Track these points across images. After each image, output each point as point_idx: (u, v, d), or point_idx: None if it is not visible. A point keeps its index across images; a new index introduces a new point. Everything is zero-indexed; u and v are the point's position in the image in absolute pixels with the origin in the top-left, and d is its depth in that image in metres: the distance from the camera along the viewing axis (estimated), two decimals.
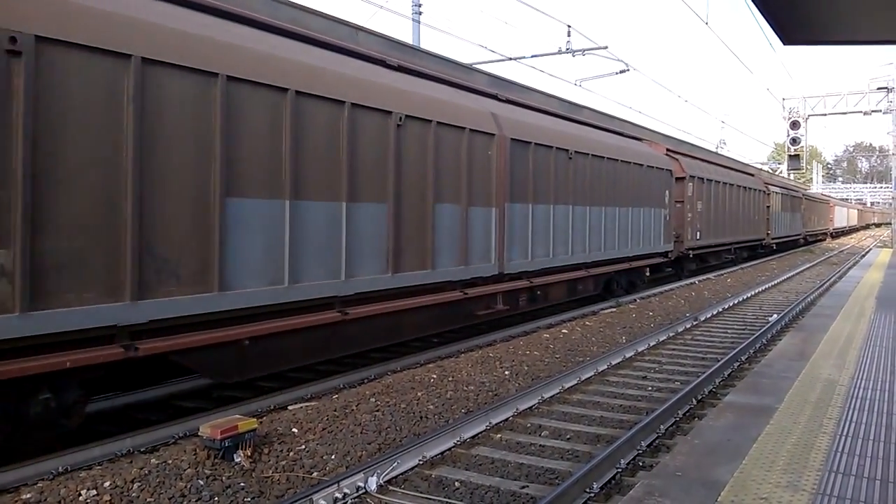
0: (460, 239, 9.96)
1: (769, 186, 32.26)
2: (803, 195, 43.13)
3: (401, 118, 8.71)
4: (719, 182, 23.66)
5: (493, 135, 10.69)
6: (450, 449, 6.14)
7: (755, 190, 29.54)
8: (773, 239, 32.48)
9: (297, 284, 7.29)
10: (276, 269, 7.09)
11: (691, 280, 20.74)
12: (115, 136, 5.68)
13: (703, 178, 21.74)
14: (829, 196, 70.50)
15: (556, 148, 12.56)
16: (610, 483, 5.47)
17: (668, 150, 20.23)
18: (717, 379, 8.66)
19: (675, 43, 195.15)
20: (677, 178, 19.36)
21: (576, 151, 13.23)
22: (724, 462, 4.46)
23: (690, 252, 20.75)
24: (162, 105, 6.04)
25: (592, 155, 13.91)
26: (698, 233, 21.09)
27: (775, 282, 21.34)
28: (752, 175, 32.70)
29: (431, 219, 9.33)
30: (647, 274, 17.89)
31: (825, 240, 54.24)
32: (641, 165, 16.43)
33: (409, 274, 9.00)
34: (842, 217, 68.58)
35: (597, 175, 14.13)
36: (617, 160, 15.09)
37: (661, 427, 6.69)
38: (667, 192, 18.11)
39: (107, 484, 5.07)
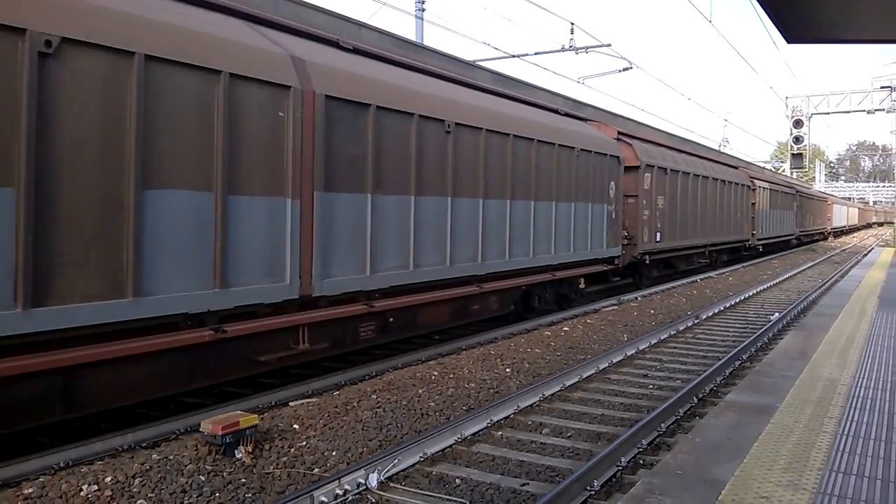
0: (205, 246, 6.46)
1: (755, 181, 28.79)
2: (797, 192, 39.82)
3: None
4: (688, 174, 20.29)
5: (289, 88, 7.20)
6: (451, 446, 6.14)
7: (738, 185, 25.98)
8: (759, 240, 29.09)
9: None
10: None
11: (693, 278, 20.72)
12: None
13: (665, 169, 18.34)
14: (827, 193, 67.17)
15: (421, 116, 8.95)
16: (611, 481, 5.47)
17: (620, 133, 16.91)
18: (719, 377, 8.66)
19: (679, 41, 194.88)
20: (628, 168, 16.11)
21: (458, 123, 9.69)
22: (725, 461, 4.46)
23: (647, 257, 17.38)
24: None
25: (489, 130, 10.39)
26: (658, 234, 17.84)
27: (777, 280, 21.32)
28: (736, 168, 28.98)
29: (134, 214, 5.85)
30: (582, 286, 14.58)
31: (822, 240, 51.04)
32: (572, 149, 12.97)
33: (78, 308, 5.49)
34: (841, 216, 65.21)
35: (497, 158, 10.70)
36: (532, 140, 11.64)
37: (662, 425, 6.69)
38: (611, 183, 14.79)
39: (108, 479, 5.08)
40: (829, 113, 36.11)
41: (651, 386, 8.55)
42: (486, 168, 10.46)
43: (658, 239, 17.82)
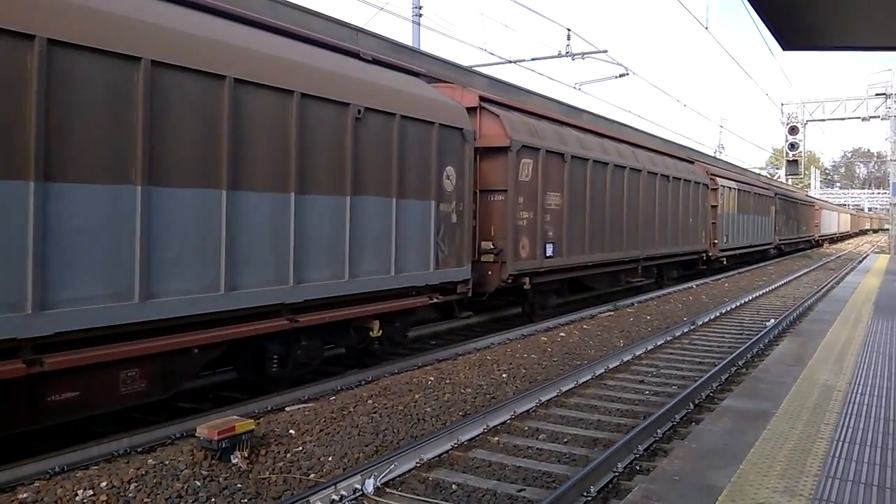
0: None
1: (716, 179, 23.39)
2: (776, 194, 34.59)
3: None
4: (606, 164, 14.84)
5: None
6: (447, 452, 6.13)
7: (692, 182, 20.62)
8: (723, 251, 23.73)
9: None
10: None
11: (689, 284, 20.74)
12: None
13: (561, 154, 12.99)
14: (814, 197, 60.83)
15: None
16: (607, 487, 5.47)
17: (483, 99, 11.82)
18: (715, 383, 8.66)
19: (675, 47, 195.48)
20: (490, 149, 11.33)
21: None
22: (722, 467, 4.47)
23: (527, 279, 11.88)
24: None
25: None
26: (550, 246, 12.61)
27: (773, 287, 21.36)
28: (691, 163, 23.01)
29: None
30: (408, 333, 10.12)
31: (808, 249, 45.69)
32: (346, 105, 7.95)
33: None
34: (831, 222, 58.62)
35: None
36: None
37: (659, 431, 6.69)
38: (448, 170, 9.71)
39: (104, 484, 5.07)
40: (824, 120, 36.20)
41: (647, 392, 8.55)
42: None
43: (550, 253, 12.65)
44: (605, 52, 21.10)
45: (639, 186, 16.66)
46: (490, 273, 11.32)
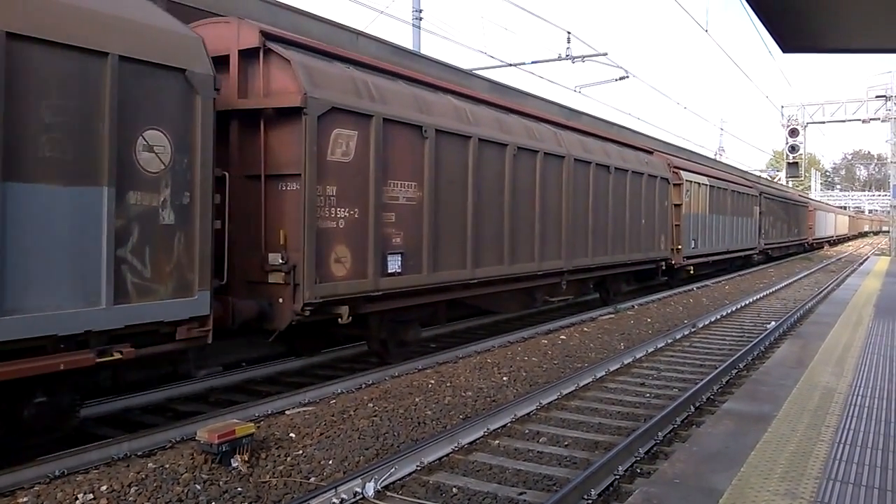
0: None
1: (680, 172, 19.68)
2: (761, 192, 30.60)
3: None
4: (505, 145, 10.97)
5: None
6: (448, 455, 6.13)
7: (645, 175, 16.68)
8: (688, 258, 20.04)
9: None
10: None
11: (689, 287, 20.74)
12: None
13: (419, 127, 9.04)
14: (808, 197, 56.57)
15: None
16: (608, 490, 5.47)
17: (269, 36, 7.85)
18: (716, 386, 8.65)
19: (675, 50, 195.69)
20: (276, 113, 7.70)
21: None
22: (723, 469, 4.46)
23: (345, 308, 8.04)
24: None
25: None
26: (396, 258, 8.71)
27: (773, 289, 21.35)
28: (650, 153, 18.65)
29: None
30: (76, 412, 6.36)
31: (800, 254, 42.27)
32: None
33: None
34: (826, 224, 53.99)
35: None
36: None
37: (660, 434, 6.68)
38: (152, 136, 6.09)
39: (104, 488, 5.06)
40: (824, 122, 36.16)
41: (648, 395, 8.54)
42: None
43: (395, 268, 8.68)
44: (605, 54, 21.13)
45: (563, 178, 12.78)
46: (281, 301, 7.56)
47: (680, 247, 19.27)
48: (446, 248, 9.70)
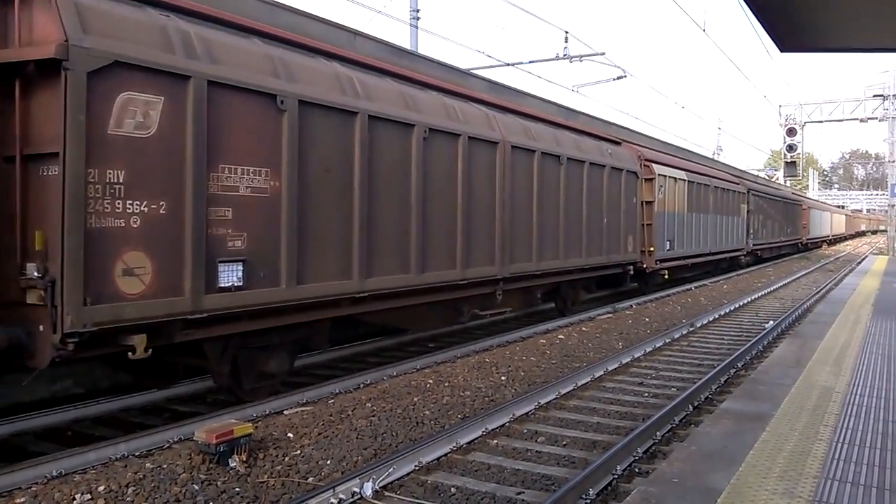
0: None
1: (653, 166, 17.55)
2: (749, 189, 28.63)
3: None
4: (412, 125, 8.89)
5: None
6: (446, 454, 6.12)
7: (607, 168, 14.67)
8: (662, 261, 18.07)
9: None
10: None
11: (687, 287, 20.74)
12: None
13: (273, 97, 6.98)
14: (802, 195, 54.14)
15: None
16: (606, 489, 5.46)
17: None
18: (714, 385, 8.65)
19: (673, 49, 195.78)
20: (37, 69, 5.51)
21: None
22: (721, 469, 4.46)
23: (141, 338, 5.88)
24: None
25: None
26: (233, 268, 6.62)
27: (772, 288, 21.37)
28: (617, 143, 16.83)
29: None
30: None
31: (793, 255, 40.42)
32: None
33: None
34: (822, 224, 51.85)
35: None
36: None
37: (658, 433, 6.68)
38: None
39: (101, 488, 5.05)
40: (822, 121, 36.27)
41: (646, 394, 8.54)
42: None
43: (231, 281, 6.63)
44: (603, 54, 21.14)
45: (497, 169, 10.76)
46: (42, 329, 5.47)
47: (652, 249, 17.29)
48: (319, 253, 7.58)
